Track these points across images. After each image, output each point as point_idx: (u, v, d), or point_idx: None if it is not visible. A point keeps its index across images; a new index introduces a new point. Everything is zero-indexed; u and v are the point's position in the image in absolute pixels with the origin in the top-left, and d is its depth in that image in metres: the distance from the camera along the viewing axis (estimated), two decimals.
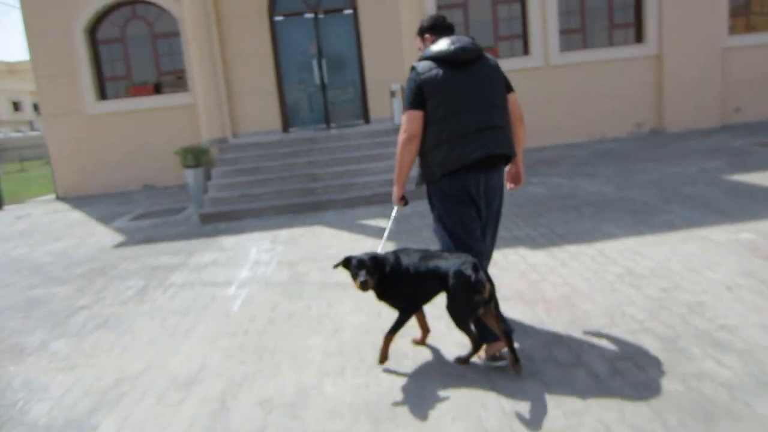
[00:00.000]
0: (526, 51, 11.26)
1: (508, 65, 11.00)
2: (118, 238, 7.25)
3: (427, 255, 2.95)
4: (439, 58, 2.93)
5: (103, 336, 3.99)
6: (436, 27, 3.14)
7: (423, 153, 3.01)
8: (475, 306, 2.71)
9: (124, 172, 11.35)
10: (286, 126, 11.10)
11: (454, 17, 11.14)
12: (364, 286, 2.89)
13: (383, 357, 3.08)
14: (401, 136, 2.99)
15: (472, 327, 2.83)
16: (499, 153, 2.96)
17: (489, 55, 3.07)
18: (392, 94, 9.33)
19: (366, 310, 3.87)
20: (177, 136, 10.96)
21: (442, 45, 2.96)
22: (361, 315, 3.82)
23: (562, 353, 3.01)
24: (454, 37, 3.01)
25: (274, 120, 10.99)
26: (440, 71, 2.90)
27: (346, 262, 3.01)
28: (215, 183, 8.19)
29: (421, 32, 3.20)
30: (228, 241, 6.39)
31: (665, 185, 6.61)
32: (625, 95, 11.20)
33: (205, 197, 7.94)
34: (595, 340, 3.10)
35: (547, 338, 3.20)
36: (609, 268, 4.13)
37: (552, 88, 11.11)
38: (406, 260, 2.96)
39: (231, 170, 8.43)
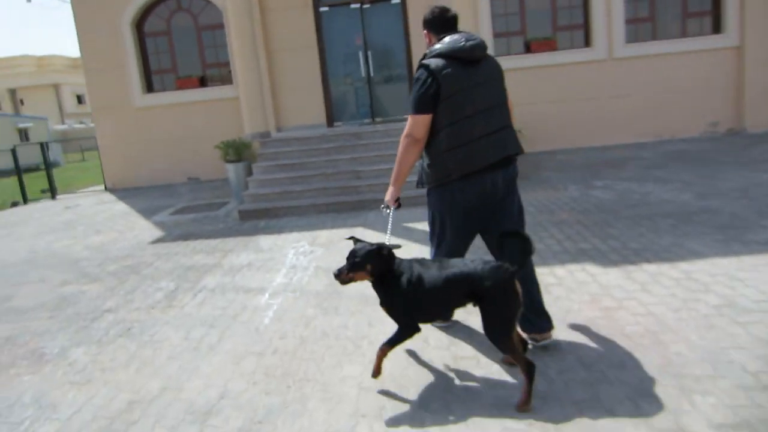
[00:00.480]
0: (587, 42, 10.46)
1: (567, 58, 10.28)
2: (157, 233, 7.02)
3: (443, 263, 2.70)
4: (451, 55, 2.81)
5: (124, 346, 3.67)
6: (436, 23, 3.01)
7: (438, 153, 2.89)
8: (517, 311, 2.52)
9: (170, 164, 11.25)
10: (330, 120, 10.72)
11: (509, 7, 10.47)
12: (337, 277, 2.65)
13: (376, 371, 2.80)
14: (405, 140, 2.90)
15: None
16: (515, 153, 2.95)
17: (491, 53, 2.99)
18: None
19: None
20: (221, 129, 10.74)
21: (456, 41, 2.83)
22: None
23: (653, 410, 2.43)
24: (464, 34, 2.89)
25: (319, 114, 10.63)
26: (454, 69, 2.79)
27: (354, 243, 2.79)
28: (256, 178, 7.88)
29: (424, 25, 3.07)
30: (265, 241, 6.03)
31: (757, 195, 5.79)
32: (699, 91, 10.24)
33: (245, 193, 7.64)
34: (698, 398, 2.48)
35: (631, 388, 2.61)
36: (701, 296, 3.48)
37: (616, 83, 10.28)
38: (420, 269, 2.68)
39: (272, 165, 8.10)
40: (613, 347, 3.01)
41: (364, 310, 3.83)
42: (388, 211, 3.10)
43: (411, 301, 2.65)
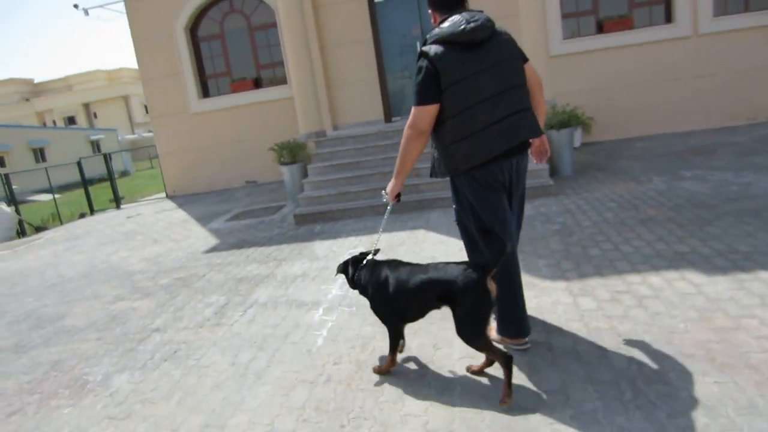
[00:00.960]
0: (668, 18, 9.51)
1: (645, 36, 9.37)
2: (212, 241, 6.84)
3: (419, 267, 2.73)
4: (452, 40, 2.62)
5: (168, 372, 3.39)
6: (439, 3, 2.81)
7: (444, 146, 2.76)
8: (489, 311, 2.49)
9: (227, 169, 11.20)
10: (388, 115, 10.30)
11: None
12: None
13: (382, 372, 2.92)
14: (408, 131, 2.75)
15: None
16: (529, 138, 2.78)
17: (500, 28, 2.75)
18: None
19: (480, 357, 2.92)
20: (277, 130, 10.57)
21: (455, 24, 2.63)
22: (473, 362, 2.87)
23: None
24: (466, 14, 2.68)
25: (376, 109, 10.23)
26: (455, 55, 2.61)
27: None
28: (311, 180, 7.57)
29: (428, 5, 2.88)
30: (321, 248, 5.69)
31: None
32: None
33: (300, 196, 7.35)
34: None
35: None
36: None
37: (701, 62, 9.29)
38: (389, 270, 2.80)
39: (327, 166, 7.77)
40: (736, 379, 2.42)
41: (428, 329, 3.37)
42: (386, 201, 3.03)
43: (385, 304, 2.81)
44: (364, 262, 2.94)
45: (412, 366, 2.98)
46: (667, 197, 5.57)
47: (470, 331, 2.51)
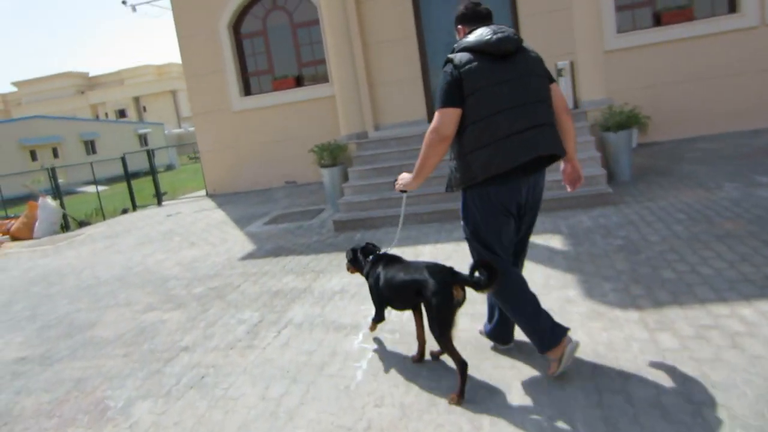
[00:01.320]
0: (732, 8, 8.76)
1: (707, 28, 8.65)
2: (249, 246, 6.59)
3: (407, 266, 3.02)
4: (477, 49, 2.65)
5: (193, 403, 3.09)
6: (467, 17, 2.86)
7: (462, 155, 2.71)
8: (452, 310, 2.68)
9: (267, 168, 11.01)
10: (432, 115, 9.88)
11: None
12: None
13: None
14: (430, 135, 2.69)
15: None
16: (549, 153, 2.71)
17: (529, 46, 2.78)
18: (559, 72, 7.63)
19: (548, 410, 2.50)
20: (319, 130, 10.31)
21: (483, 34, 2.68)
22: (543, 419, 2.46)
23: None
24: (494, 26, 2.72)
25: (419, 109, 9.83)
26: (481, 64, 2.62)
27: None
28: (351, 185, 7.23)
29: (456, 21, 2.92)
30: None
31: None
32: None
33: (340, 201, 7.02)
34: None
35: None
36: None
37: None
38: (384, 266, 3.13)
39: (369, 169, 7.42)
40: None
41: (482, 365, 2.97)
42: (403, 193, 3.12)
43: (376, 293, 3.19)
44: (370, 257, 3.26)
45: (468, 417, 2.59)
46: (744, 207, 4.98)
47: (435, 330, 2.71)
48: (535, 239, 5.02)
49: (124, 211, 12.28)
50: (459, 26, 2.90)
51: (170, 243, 7.54)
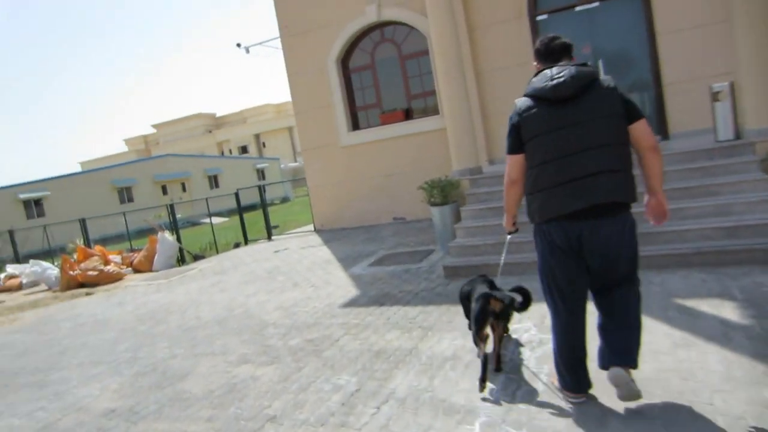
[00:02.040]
0: None
1: None
2: (352, 291, 6.10)
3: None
4: (536, 95, 2.72)
5: None
6: (540, 53, 2.91)
7: (527, 194, 2.88)
8: (484, 315, 3.31)
9: (375, 204, 10.63)
10: None
11: None
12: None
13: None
14: (505, 179, 2.96)
15: (486, 347, 3.29)
16: (604, 202, 2.64)
17: (605, 80, 2.68)
18: (715, 96, 6.46)
19: None
20: (428, 163, 9.79)
21: (540, 80, 2.73)
22: None
23: None
24: (556, 69, 2.71)
25: None
26: (538, 110, 2.70)
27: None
28: (464, 226, 6.54)
29: (534, 55, 2.97)
30: None
31: None
32: None
33: (451, 244, 6.35)
34: None
35: None
36: None
37: None
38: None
39: (484, 209, 6.69)
40: None
41: None
42: (507, 239, 3.54)
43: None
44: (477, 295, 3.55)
45: None
46: None
47: (472, 327, 3.50)
48: (700, 305, 4.01)
49: (236, 245, 12.48)
50: (534, 63, 2.93)
51: (274, 282, 7.28)
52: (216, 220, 13.67)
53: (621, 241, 2.68)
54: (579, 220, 2.66)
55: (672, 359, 3.19)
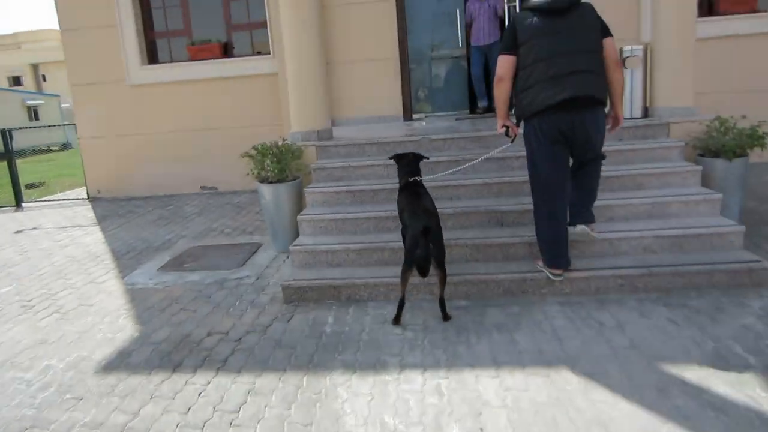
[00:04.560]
0: None
1: None
2: (126, 330, 3.63)
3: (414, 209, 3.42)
4: (535, 8, 3.20)
5: None
6: None
7: (516, 93, 3.34)
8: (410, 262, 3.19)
9: (176, 167, 7.89)
10: (408, 110, 7.27)
11: None
12: None
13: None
14: (494, 79, 3.37)
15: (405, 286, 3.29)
16: (584, 95, 3.14)
17: (586, 1, 3.22)
18: (623, 63, 5.15)
19: None
20: (253, 120, 7.46)
21: None
22: None
23: None
24: None
25: (392, 101, 7.20)
26: (535, 19, 3.18)
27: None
28: (312, 216, 4.39)
29: None
30: (357, 406, 2.58)
31: None
32: None
33: (293, 246, 4.16)
34: None
35: None
36: None
37: None
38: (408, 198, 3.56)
39: (341, 192, 4.61)
40: None
41: None
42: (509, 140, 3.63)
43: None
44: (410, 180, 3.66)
45: None
46: None
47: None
48: (708, 380, 2.49)
49: None
50: None
51: None
52: None
53: (598, 127, 3.28)
54: (566, 111, 3.15)
55: None
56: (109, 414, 2.65)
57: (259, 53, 7.76)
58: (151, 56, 7.97)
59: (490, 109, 7.03)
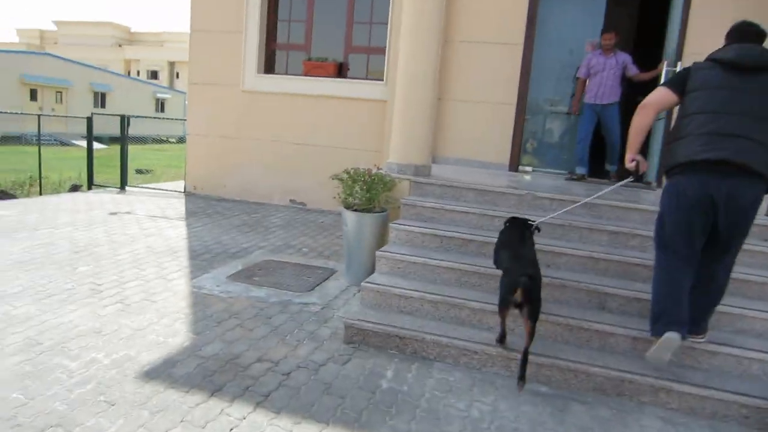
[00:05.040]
0: None
1: None
2: (179, 335, 3.47)
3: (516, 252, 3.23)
4: (717, 60, 2.88)
5: None
6: (732, 34, 2.99)
7: (667, 142, 3.05)
8: (506, 297, 3.00)
9: (270, 176, 7.94)
10: (515, 160, 6.84)
11: None
12: None
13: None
14: (640, 105, 3.05)
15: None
16: (739, 161, 2.69)
17: None
18: None
19: None
20: (354, 143, 7.36)
21: (727, 50, 2.90)
22: None
23: None
24: (746, 45, 2.86)
25: (500, 148, 6.79)
26: (714, 71, 2.85)
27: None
28: (392, 255, 4.07)
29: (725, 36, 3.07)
30: None
31: None
32: None
33: (366, 283, 3.85)
34: None
35: None
36: None
37: None
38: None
39: (428, 234, 4.27)
40: None
41: None
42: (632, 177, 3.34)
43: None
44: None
45: None
46: None
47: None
48: None
49: (74, 188, 9.22)
50: (725, 41, 3.00)
51: (64, 278, 4.40)
52: (98, 145, 10.54)
53: (753, 204, 2.76)
54: (716, 175, 2.71)
55: None
56: (134, 430, 2.42)
57: (372, 78, 7.69)
58: (268, 66, 8.14)
59: (601, 173, 6.44)
